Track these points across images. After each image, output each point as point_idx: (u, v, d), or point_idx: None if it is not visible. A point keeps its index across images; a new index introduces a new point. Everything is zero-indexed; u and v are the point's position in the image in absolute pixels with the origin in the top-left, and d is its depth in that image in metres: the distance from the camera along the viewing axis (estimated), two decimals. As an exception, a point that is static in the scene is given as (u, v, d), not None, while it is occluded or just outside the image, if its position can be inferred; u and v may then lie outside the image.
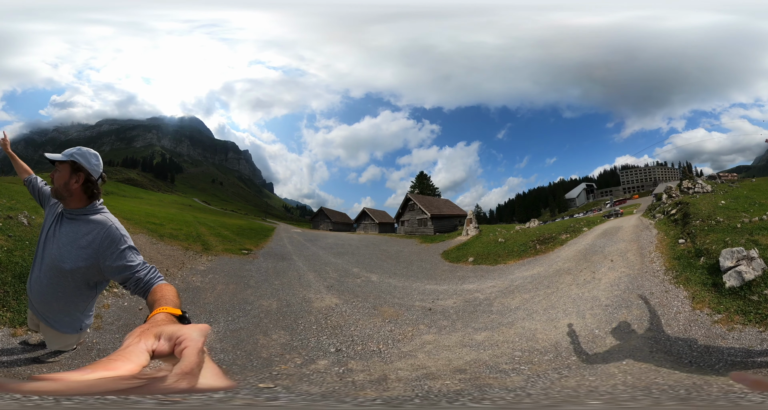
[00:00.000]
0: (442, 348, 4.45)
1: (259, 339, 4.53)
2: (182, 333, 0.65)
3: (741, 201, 10.31)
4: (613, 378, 3.21)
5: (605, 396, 2.89)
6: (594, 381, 3.18)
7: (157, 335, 0.66)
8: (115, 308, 4.77)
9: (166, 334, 0.65)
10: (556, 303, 5.95)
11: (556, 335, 4.67)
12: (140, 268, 1.71)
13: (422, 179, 50.06)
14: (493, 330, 5.10)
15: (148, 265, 1.74)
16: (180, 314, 1.11)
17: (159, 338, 0.65)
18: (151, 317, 1.00)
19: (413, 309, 6.17)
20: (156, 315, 1.01)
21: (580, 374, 3.40)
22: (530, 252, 11.46)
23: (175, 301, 1.34)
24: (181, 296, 1.52)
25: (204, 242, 11.61)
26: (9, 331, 3.77)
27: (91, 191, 1.88)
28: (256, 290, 6.99)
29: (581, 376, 3.33)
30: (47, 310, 2.01)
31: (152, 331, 0.66)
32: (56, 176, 1.84)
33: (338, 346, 4.40)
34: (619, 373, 3.29)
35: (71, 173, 1.83)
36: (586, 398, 2.92)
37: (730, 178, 23.94)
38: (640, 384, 3.02)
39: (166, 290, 1.45)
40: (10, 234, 6.40)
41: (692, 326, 4.39)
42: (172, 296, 1.39)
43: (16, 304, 4.23)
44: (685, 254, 7.04)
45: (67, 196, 1.86)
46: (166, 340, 0.64)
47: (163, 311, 1.05)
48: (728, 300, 4.75)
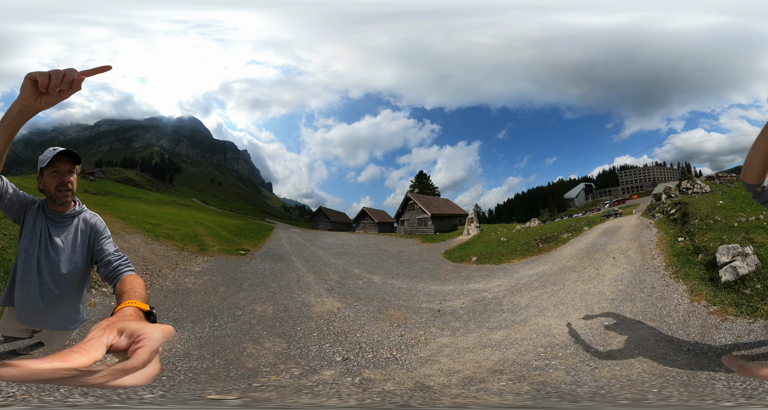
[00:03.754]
0: (462, 350, 4.40)
1: (246, 348, 4.16)
2: (144, 332, 0.66)
3: (739, 201, 10.60)
4: (632, 367, 3.40)
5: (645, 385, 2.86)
6: (621, 371, 3.33)
7: (121, 330, 0.66)
8: (101, 307, 4.75)
9: (128, 331, 0.66)
10: (564, 299, 6.11)
11: (569, 329, 4.82)
12: (113, 254, 1.78)
13: (422, 179, 49.97)
14: (509, 329, 5.12)
15: (121, 254, 1.79)
16: (147, 310, 1.09)
17: (122, 333, 0.66)
18: (119, 309, 0.98)
19: (421, 312, 6.02)
20: (124, 307, 0.99)
21: (606, 365, 3.55)
22: (533, 251, 11.57)
23: (143, 295, 1.31)
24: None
25: (200, 243, 11.42)
26: None
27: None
28: (250, 293, 6.69)
29: (609, 367, 3.48)
30: (58, 315, 2.02)
31: (117, 326, 0.67)
32: (74, 178, 1.87)
33: (345, 354, 4.06)
34: (636, 363, 3.50)
35: (76, 173, 1.91)
36: (642, 386, 2.85)
37: (729, 178, 24.08)
38: (654, 371, 3.23)
39: (135, 282, 1.44)
40: (5, 233, 6.50)
41: (690, 317, 4.68)
42: (141, 289, 1.37)
43: None
44: (684, 251, 7.33)
45: (73, 194, 1.92)
46: (126, 337, 0.65)
47: (131, 305, 1.04)
48: (723, 293, 5.03)
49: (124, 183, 56.38)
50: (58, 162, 1.79)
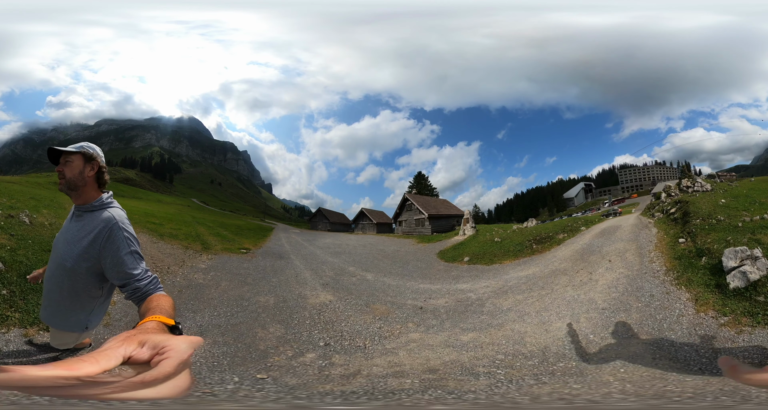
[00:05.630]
0: (425, 346, 4.43)
1: (258, 333, 4.72)
2: (169, 343, 0.62)
3: (741, 200, 10.12)
4: (606, 386, 3.01)
5: (579, 404, 2.55)
6: (578, 389, 2.97)
7: (142, 342, 0.63)
8: (121, 304, 4.82)
9: (151, 342, 0.63)
10: (549, 305, 5.80)
11: (546, 339, 4.51)
12: (141, 277, 1.65)
13: (420, 179, 50.19)
14: (481, 332, 5.01)
15: (150, 274, 1.68)
16: (173, 324, 1.07)
17: (143, 345, 0.62)
18: (141, 324, 0.95)
19: (404, 307, 6.24)
20: (147, 322, 0.97)
21: (562, 381, 3.24)
22: (526, 252, 11.40)
23: (169, 311, 1.28)
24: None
25: (203, 242, 11.77)
26: (20, 332, 3.73)
27: (103, 179, 1.91)
28: (253, 287, 7.17)
29: (563, 383, 3.16)
30: (52, 306, 1.99)
31: (138, 338, 0.63)
32: (68, 168, 1.83)
33: (327, 340, 4.53)
34: (615, 381, 3.10)
35: (85, 163, 1.86)
36: (540, 404, 2.64)
37: (728, 177, 23.98)
38: (645, 392, 2.79)
39: (162, 299, 1.40)
40: (12, 233, 6.41)
41: (697, 330, 4.21)
42: (168, 306, 1.33)
43: (24, 304, 4.21)
44: (686, 253, 6.89)
45: (81, 186, 1.85)
46: (149, 348, 0.61)
47: (154, 319, 1.01)
48: (734, 302, 4.57)
49: (124, 183, 56.55)
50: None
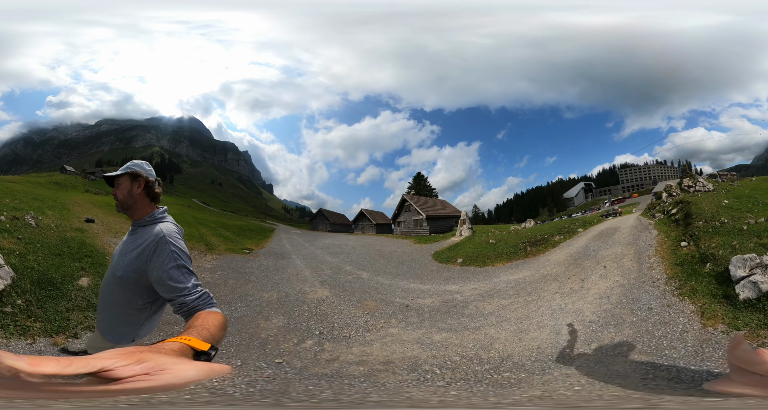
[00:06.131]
0: (398, 341, 4.71)
1: (260, 323, 5.36)
2: (169, 367, 0.60)
3: (744, 201, 9.73)
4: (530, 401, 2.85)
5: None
6: (501, 400, 2.95)
7: (141, 360, 0.60)
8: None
9: (150, 364, 0.60)
10: (532, 313, 5.54)
11: (514, 347, 4.25)
12: (189, 292, 1.61)
13: (419, 180, 50.43)
14: (455, 333, 4.97)
15: (200, 289, 1.62)
16: (205, 350, 0.92)
17: (140, 363, 0.59)
18: (160, 343, 0.84)
19: (392, 305, 6.69)
20: (168, 342, 0.84)
21: (496, 392, 2.85)
22: (520, 255, 11.35)
23: (211, 331, 1.13)
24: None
25: (207, 243, 12.18)
26: (48, 341, 3.83)
27: (153, 193, 1.95)
28: (257, 284, 7.80)
29: (491, 393, 2.81)
30: (104, 316, 2.01)
31: (138, 355, 0.60)
32: (119, 190, 1.91)
33: (321, 330, 5.15)
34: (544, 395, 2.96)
35: (132, 182, 1.93)
36: None
37: (730, 177, 23.86)
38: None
39: (210, 317, 1.26)
40: (19, 237, 6.31)
41: (705, 347, 3.73)
42: (212, 325, 1.17)
43: (42, 313, 4.21)
44: (689, 259, 6.41)
45: (132, 204, 1.91)
46: (144, 368, 0.58)
47: (179, 340, 0.88)
48: (746, 314, 4.16)
49: (126, 183, 56.27)
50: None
